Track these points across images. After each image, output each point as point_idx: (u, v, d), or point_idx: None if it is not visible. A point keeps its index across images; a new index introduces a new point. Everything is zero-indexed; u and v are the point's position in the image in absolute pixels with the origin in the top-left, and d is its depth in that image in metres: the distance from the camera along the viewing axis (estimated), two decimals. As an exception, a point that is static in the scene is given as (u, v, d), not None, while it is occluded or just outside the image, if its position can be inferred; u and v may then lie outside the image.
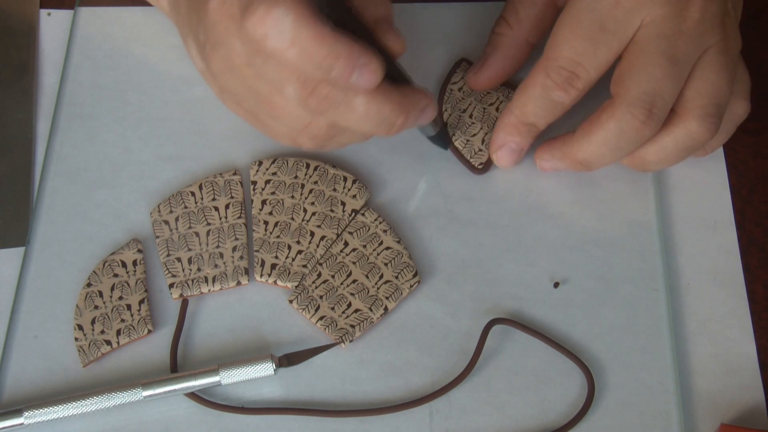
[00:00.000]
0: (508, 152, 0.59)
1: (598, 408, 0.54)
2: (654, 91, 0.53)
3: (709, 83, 0.54)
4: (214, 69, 0.51)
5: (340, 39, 0.47)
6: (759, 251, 0.59)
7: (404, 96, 0.51)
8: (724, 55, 0.55)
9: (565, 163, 0.58)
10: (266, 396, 0.54)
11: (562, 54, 0.55)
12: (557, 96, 0.55)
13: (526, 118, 0.57)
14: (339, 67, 0.47)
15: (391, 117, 0.51)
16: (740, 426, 0.53)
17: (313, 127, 0.51)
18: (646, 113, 0.53)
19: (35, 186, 0.61)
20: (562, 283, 0.57)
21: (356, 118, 0.50)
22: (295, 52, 0.46)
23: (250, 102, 0.52)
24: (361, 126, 0.51)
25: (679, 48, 0.54)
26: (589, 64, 0.55)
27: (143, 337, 0.56)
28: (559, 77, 0.55)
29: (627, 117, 0.54)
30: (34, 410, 0.52)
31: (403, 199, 0.60)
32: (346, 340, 0.55)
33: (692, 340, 0.56)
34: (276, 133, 0.53)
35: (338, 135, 0.53)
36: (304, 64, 0.47)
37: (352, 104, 0.49)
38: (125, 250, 0.58)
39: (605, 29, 0.54)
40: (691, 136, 0.55)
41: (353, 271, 0.57)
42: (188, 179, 0.61)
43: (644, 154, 0.56)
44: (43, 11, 0.67)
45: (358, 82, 0.48)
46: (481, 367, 0.55)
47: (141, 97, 0.63)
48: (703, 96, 0.54)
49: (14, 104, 0.63)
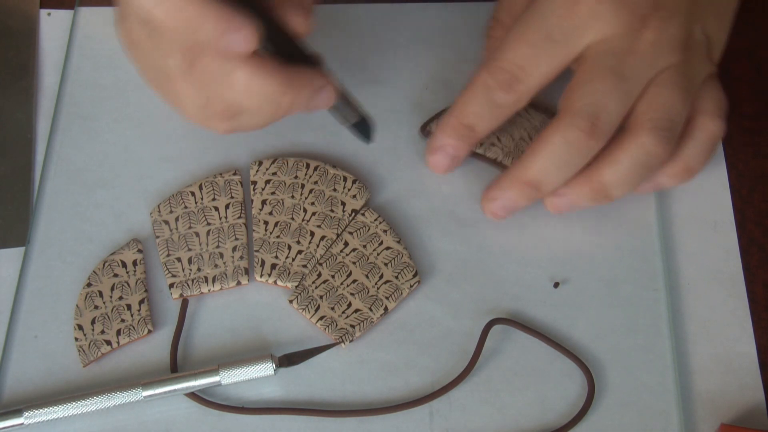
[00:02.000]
0: (443, 156, 0.58)
1: (598, 408, 0.54)
2: (598, 103, 0.53)
3: (662, 98, 0.54)
4: (124, 43, 0.51)
5: (212, 3, 0.46)
6: (759, 251, 0.59)
7: (293, 74, 0.50)
8: (680, 76, 0.55)
9: (515, 189, 0.56)
10: (266, 396, 0.54)
11: (506, 56, 0.55)
12: (498, 97, 0.55)
13: (466, 118, 0.56)
14: (207, 29, 0.46)
15: (275, 95, 0.49)
16: (740, 426, 0.53)
17: (211, 106, 0.50)
18: (590, 125, 0.53)
19: (35, 186, 0.61)
20: (562, 283, 0.57)
21: (240, 93, 0.49)
22: (168, 17, 0.46)
23: (156, 79, 0.51)
24: (245, 102, 0.49)
25: (628, 64, 0.54)
26: (530, 70, 0.55)
27: (143, 337, 0.56)
28: (501, 77, 0.55)
29: (570, 129, 0.53)
30: (34, 410, 0.52)
31: (403, 199, 0.60)
32: (346, 340, 0.55)
33: (692, 340, 0.56)
34: (186, 113, 0.52)
35: (237, 115, 0.51)
36: (178, 30, 0.46)
37: (233, 77, 0.48)
38: (125, 250, 0.58)
39: (551, 38, 0.54)
40: (644, 149, 0.54)
41: (353, 271, 0.57)
42: (188, 179, 0.61)
43: (601, 176, 0.55)
44: (43, 11, 0.67)
45: (229, 46, 0.46)
46: (481, 367, 0.55)
47: (141, 97, 0.63)
48: (655, 110, 0.54)
49: (14, 104, 0.63)
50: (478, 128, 0.57)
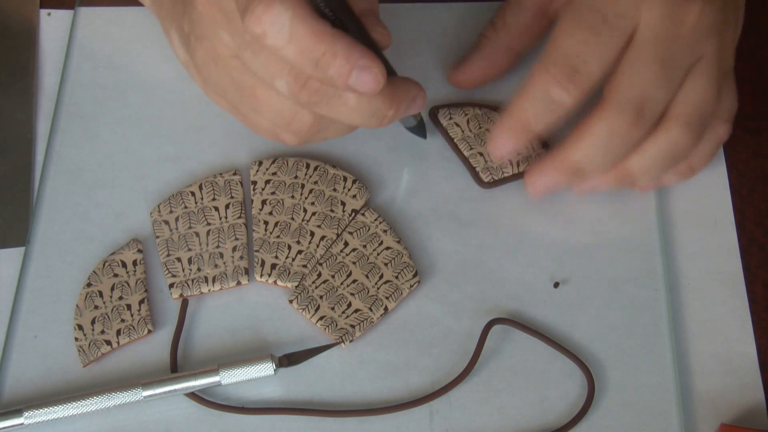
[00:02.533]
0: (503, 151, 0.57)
1: (598, 408, 0.54)
2: (645, 94, 0.53)
3: (696, 93, 0.54)
4: (199, 60, 0.51)
5: (339, 38, 0.46)
6: (759, 251, 0.59)
7: (395, 87, 0.50)
8: (715, 68, 0.54)
9: (557, 172, 0.56)
10: (266, 396, 0.54)
11: (562, 47, 0.53)
12: (556, 94, 0.53)
13: (524, 117, 0.54)
14: (337, 66, 0.46)
15: (382, 109, 0.50)
16: (740, 426, 0.53)
17: (296, 122, 0.51)
18: (636, 115, 0.53)
19: (35, 186, 0.61)
20: (562, 283, 0.57)
21: (347, 111, 0.49)
22: (293, 49, 0.46)
23: (234, 94, 0.52)
24: (351, 118, 0.50)
25: (672, 51, 0.53)
26: (591, 58, 0.52)
27: (143, 337, 0.56)
28: (558, 72, 0.52)
29: (617, 119, 0.53)
30: (34, 410, 0.52)
31: (404, 199, 0.60)
32: (346, 340, 0.55)
33: (692, 340, 0.56)
34: (258, 127, 0.53)
35: (323, 129, 0.52)
36: (301, 62, 0.47)
37: (344, 97, 0.49)
38: (125, 250, 0.58)
39: (607, 21, 0.52)
40: (673, 142, 0.54)
41: (353, 271, 0.57)
42: (188, 179, 0.61)
43: (628, 163, 0.55)
44: (43, 11, 0.67)
45: (356, 85, 0.47)
46: (481, 367, 0.55)
47: (141, 97, 0.63)
48: (689, 105, 0.54)
49: (14, 104, 0.63)
50: (538, 128, 0.54)
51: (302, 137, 0.52)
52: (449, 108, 0.62)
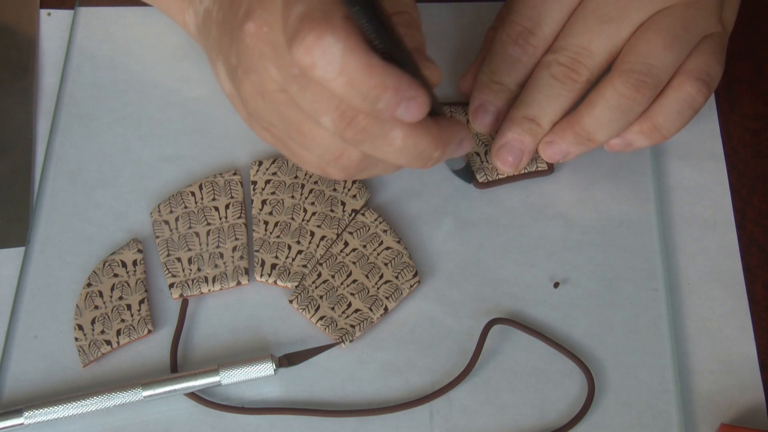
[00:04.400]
0: (483, 112, 0.59)
1: (598, 408, 0.54)
2: (581, 44, 0.56)
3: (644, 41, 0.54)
4: (245, 93, 0.50)
5: (389, 70, 0.45)
6: (759, 251, 0.59)
7: (442, 128, 0.49)
8: (674, 20, 0.55)
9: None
10: (266, 396, 0.54)
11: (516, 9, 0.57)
12: (512, 51, 0.57)
13: (493, 76, 0.58)
14: (386, 99, 0.45)
15: (428, 150, 0.49)
16: (740, 426, 0.53)
17: (344, 158, 0.50)
18: (571, 61, 0.56)
19: (35, 186, 0.61)
20: (562, 283, 0.57)
21: (393, 151, 0.48)
22: (343, 81, 0.44)
23: (280, 129, 0.51)
24: (397, 159, 0.49)
25: (618, 5, 0.55)
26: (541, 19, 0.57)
27: (143, 337, 0.56)
28: (513, 32, 0.57)
29: (554, 64, 0.56)
30: (34, 410, 0.52)
31: (403, 199, 0.60)
32: (346, 340, 0.55)
33: (692, 340, 0.56)
34: (305, 162, 0.52)
35: (371, 166, 0.51)
36: (350, 94, 0.45)
37: (390, 137, 0.47)
38: (125, 250, 0.58)
39: None
40: (617, 91, 0.54)
41: (353, 271, 0.57)
42: (188, 179, 0.61)
43: (580, 119, 0.56)
44: (43, 11, 0.67)
45: (404, 116, 0.46)
46: (481, 367, 0.55)
47: (141, 97, 0.63)
48: (633, 53, 0.54)
49: (14, 104, 0.63)
50: (507, 83, 0.58)
51: (349, 173, 0.51)
52: (450, 107, 0.62)
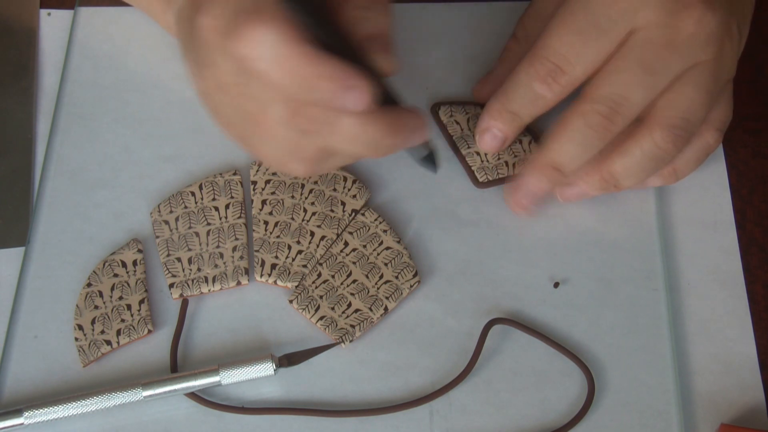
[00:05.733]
0: (491, 137, 0.58)
1: (598, 408, 0.54)
2: (622, 93, 0.53)
3: (684, 98, 0.54)
4: (206, 89, 0.50)
5: (326, 60, 0.45)
6: (759, 251, 0.59)
7: (394, 117, 0.49)
8: (708, 76, 0.54)
9: (537, 175, 0.56)
10: (266, 396, 0.54)
11: (550, 45, 0.54)
12: (538, 88, 0.55)
13: (510, 105, 0.56)
14: (324, 89, 0.46)
15: (379, 139, 0.49)
16: (740, 426, 0.53)
17: (301, 150, 0.50)
18: (610, 111, 0.53)
19: (35, 186, 0.61)
20: (562, 284, 0.57)
21: (343, 140, 0.48)
22: (279, 72, 0.45)
23: (239, 124, 0.51)
24: (348, 148, 0.49)
25: (662, 58, 0.53)
26: (576, 60, 0.54)
27: (143, 337, 0.56)
28: (543, 69, 0.54)
29: (591, 112, 0.54)
30: (34, 410, 0.52)
31: (403, 199, 0.60)
32: (346, 340, 0.55)
33: (692, 340, 0.56)
34: (266, 157, 0.52)
35: (329, 157, 0.51)
36: (288, 85, 0.46)
37: (338, 125, 0.48)
38: (125, 250, 0.58)
39: (598, 26, 0.53)
40: (656, 145, 0.54)
41: (353, 271, 0.57)
42: (188, 179, 0.61)
43: (611, 166, 0.55)
44: (43, 11, 0.67)
45: (345, 105, 0.46)
46: (481, 367, 0.55)
47: (141, 97, 0.63)
48: (674, 108, 0.54)
49: (14, 104, 0.63)
50: (522, 115, 0.57)
51: (310, 166, 0.51)
52: (451, 105, 0.62)
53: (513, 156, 0.60)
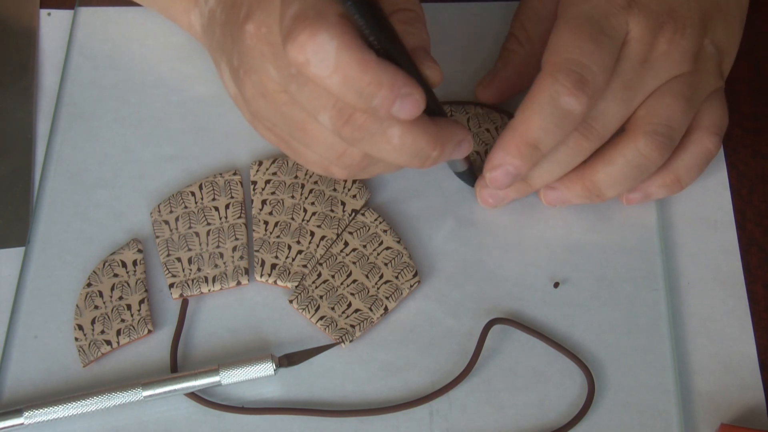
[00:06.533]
0: (503, 174, 0.54)
1: (598, 408, 0.54)
2: (599, 107, 0.53)
3: (663, 106, 0.54)
4: (247, 94, 0.50)
5: (384, 67, 0.45)
6: (759, 251, 0.59)
7: (441, 128, 0.49)
8: (686, 86, 0.54)
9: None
10: (266, 396, 0.54)
11: (567, 56, 0.52)
12: (567, 102, 0.51)
13: (531, 134, 0.52)
14: (381, 96, 0.45)
15: (426, 149, 0.49)
16: (740, 426, 0.53)
17: (346, 157, 0.50)
18: (585, 127, 0.53)
19: (35, 186, 0.61)
20: (562, 283, 0.57)
21: (391, 149, 0.48)
22: (338, 78, 0.45)
23: (283, 129, 0.51)
24: (395, 157, 0.49)
25: (637, 74, 0.53)
26: (596, 66, 0.52)
27: (143, 337, 0.56)
28: (569, 80, 0.51)
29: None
30: (34, 410, 0.52)
31: (403, 199, 0.60)
32: (346, 340, 0.55)
33: (692, 340, 0.56)
34: (308, 161, 0.52)
35: (372, 165, 0.51)
36: (345, 92, 0.45)
37: (387, 135, 0.48)
38: (125, 250, 0.58)
39: (603, 32, 0.53)
40: (639, 152, 0.54)
41: (353, 271, 0.57)
42: (188, 179, 0.61)
43: (594, 175, 0.55)
44: (43, 11, 0.67)
45: (400, 113, 0.46)
46: (481, 367, 0.55)
47: (141, 97, 0.64)
48: (654, 115, 0.54)
49: (14, 104, 0.63)
50: (544, 144, 0.52)
51: (352, 172, 0.52)
52: (451, 105, 0.62)
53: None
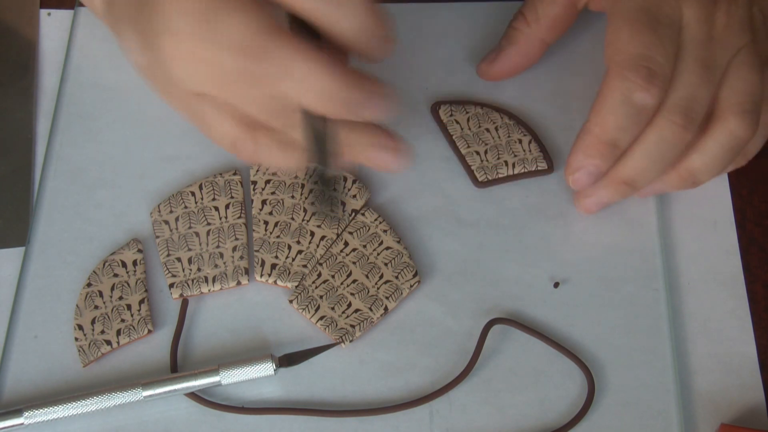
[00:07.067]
0: (585, 175, 0.54)
1: (598, 408, 0.54)
2: (693, 96, 0.53)
3: (743, 81, 0.54)
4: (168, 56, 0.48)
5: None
6: (759, 251, 0.59)
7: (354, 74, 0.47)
8: (755, 56, 0.55)
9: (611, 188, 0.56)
10: (266, 396, 0.54)
11: (630, 50, 0.52)
12: (640, 98, 0.51)
13: (608, 134, 0.53)
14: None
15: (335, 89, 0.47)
16: (740, 426, 0.53)
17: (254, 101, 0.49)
18: (684, 118, 0.53)
19: (35, 186, 0.61)
20: (562, 283, 0.57)
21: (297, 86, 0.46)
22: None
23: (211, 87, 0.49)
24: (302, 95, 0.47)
25: (710, 52, 0.53)
26: (661, 57, 0.52)
27: (143, 337, 0.56)
28: (639, 76, 0.51)
29: (667, 124, 0.53)
30: (34, 410, 0.52)
31: (403, 199, 0.60)
32: (346, 340, 0.55)
33: (692, 340, 0.56)
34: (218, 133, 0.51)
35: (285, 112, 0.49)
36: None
37: (293, 67, 0.46)
38: (125, 250, 0.58)
39: (660, 22, 0.52)
40: (733, 134, 0.54)
41: (353, 271, 0.57)
42: (188, 179, 0.61)
43: (690, 163, 0.55)
44: (43, 11, 0.67)
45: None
46: (481, 367, 0.55)
47: (141, 97, 0.63)
48: (739, 94, 0.54)
49: (14, 104, 0.63)
50: (622, 141, 0.53)
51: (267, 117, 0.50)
52: (451, 105, 0.62)
53: (513, 155, 0.60)
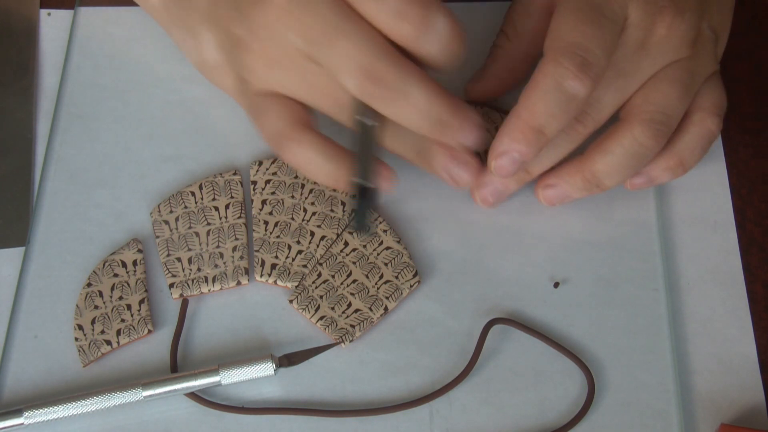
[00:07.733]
0: (509, 161, 0.52)
1: (598, 408, 0.54)
2: (594, 95, 0.53)
3: (660, 93, 0.54)
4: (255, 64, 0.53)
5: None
6: (759, 251, 0.59)
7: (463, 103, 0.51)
8: (683, 72, 0.54)
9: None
10: (266, 396, 0.54)
11: (569, 39, 0.51)
12: (571, 86, 0.50)
13: (536, 120, 0.51)
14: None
15: (447, 116, 0.50)
16: (740, 426, 0.53)
17: None
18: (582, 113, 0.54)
19: (35, 186, 0.61)
20: (562, 283, 0.57)
21: (413, 112, 0.50)
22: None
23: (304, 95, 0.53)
24: (416, 121, 0.50)
25: (633, 61, 0.53)
26: (598, 49, 0.51)
27: (143, 337, 0.56)
28: (572, 63, 0.50)
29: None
30: (34, 410, 0.52)
31: (403, 199, 0.60)
32: (346, 340, 0.55)
33: (692, 340, 0.56)
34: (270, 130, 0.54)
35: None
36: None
37: (411, 96, 0.50)
38: (125, 250, 0.58)
39: (605, 15, 0.52)
40: (636, 140, 0.54)
41: (353, 271, 0.57)
42: (188, 179, 0.61)
43: (593, 165, 0.55)
44: (43, 11, 0.67)
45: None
46: (481, 367, 0.55)
47: (141, 97, 0.64)
48: (651, 103, 0.54)
49: (14, 104, 0.63)
50: (549, 129, 0.52)
51: None
52: None
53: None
